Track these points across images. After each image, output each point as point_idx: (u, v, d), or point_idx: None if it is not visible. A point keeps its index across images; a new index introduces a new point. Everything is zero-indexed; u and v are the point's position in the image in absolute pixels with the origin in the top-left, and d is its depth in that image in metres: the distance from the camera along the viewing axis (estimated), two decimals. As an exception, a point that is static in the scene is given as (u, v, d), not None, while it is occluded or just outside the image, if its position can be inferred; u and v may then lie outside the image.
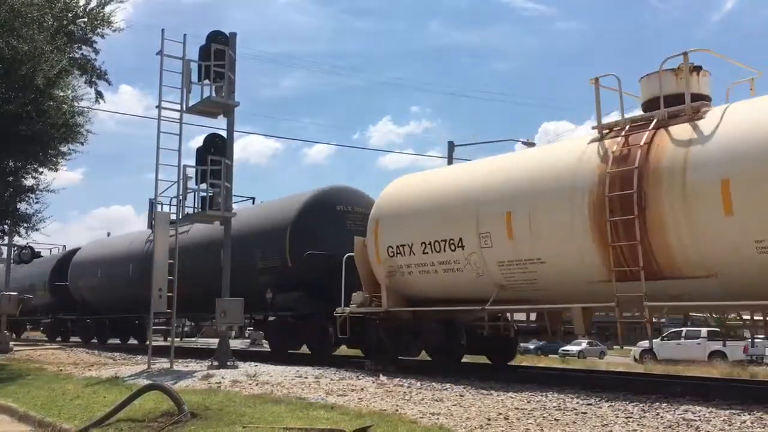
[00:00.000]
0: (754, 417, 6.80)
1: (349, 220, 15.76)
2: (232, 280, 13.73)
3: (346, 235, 14.62)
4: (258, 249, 16.23)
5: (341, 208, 15.92)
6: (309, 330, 15.63)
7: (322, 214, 15.71)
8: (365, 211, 14.64)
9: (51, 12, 16.43)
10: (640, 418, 6.90)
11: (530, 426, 6.56)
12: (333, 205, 15.91)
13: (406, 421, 6.78)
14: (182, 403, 7.60)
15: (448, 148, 29.31)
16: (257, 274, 16.04)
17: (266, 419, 7.09)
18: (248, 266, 15.98)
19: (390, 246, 12.29)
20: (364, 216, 14.40)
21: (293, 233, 15.48)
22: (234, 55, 13.96)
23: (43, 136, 16.17)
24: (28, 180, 17.71)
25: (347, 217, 15.84)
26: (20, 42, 14.87)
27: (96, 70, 18.12)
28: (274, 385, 10.02)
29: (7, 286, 24.01)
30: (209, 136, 14.07)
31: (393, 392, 9.17)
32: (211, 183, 13.50)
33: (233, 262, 13.97)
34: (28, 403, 9.74)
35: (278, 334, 16.84)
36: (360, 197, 16.49)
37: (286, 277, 15.54)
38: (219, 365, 12.76)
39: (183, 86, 13.53)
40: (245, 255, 16.09)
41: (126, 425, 7.48)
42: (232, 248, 14.14)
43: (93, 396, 9.78)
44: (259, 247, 16.22)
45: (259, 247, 16.22)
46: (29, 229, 18.62)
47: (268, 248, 16.08)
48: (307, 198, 16.02)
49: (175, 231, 13.74)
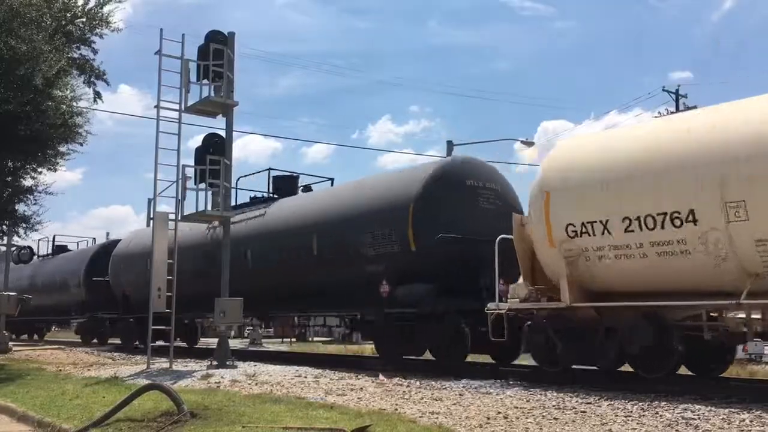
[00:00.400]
0: (753, 415, 6.81)
1: (482, 198, 13.07)
2: (326, 271, 12.97)
3: (479, 215, 12.71)
4: (365, 232, 13.36)
5: (472, 182, 13.10)
6: (437, 331, 12.38)
7: (451, 189, 12.87)
8: (498, 188, 13.23)
9: (49, 12, 16.40)
10: (639, 416, 6.91)
11: (530, 425, 6.56)
12: (462, 179, 13.09)
13: (406, 421, 6.78)
14: (181, 402, 7.59)
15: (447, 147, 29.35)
16: (363, 263, 13.32)
17: (266, 419, 7.08)
18: (349, 254, 13.63)
19: (570, 224, 9.69)
20: (497, 194, 13.10)
21: (418, 212, 12.59)
22: (233, 55, 13.96)
23: (41, 136, 16.15)
24: (26, 180, 17.70)
25: (479, 193, 13.07)
26: (19, 42, 14.85)
27: (95, 70, 18.11)
28: (273, 385, 10.03)
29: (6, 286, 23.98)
30: (208, 135, 14.08)
31: (392, 391, 9.18)
32: (210, 183, 13.50)
33: (328, 249, 13.31)
34: (28, 403, 9.73)
35: (392, 337, 13.27)
36: (491, 171, 13.95)
37: (407, 265, 12.64)
38: (218, 365, 12.77)
39: (182, 86, 13.54)
40: (345, 240, 13.77)
41: (125, 425, 7.47)
42: (326, 233, 13.49)
43: (92, 396, 9.77)
44: (366, 230, 13.36)
45: (366, 230, 13.36)
46: (28, 230, 18.62)
47: (380, 231, 13.11)
48: (434, 170, 13.15)
49: (175, 231, 13.71)
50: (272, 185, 17.95)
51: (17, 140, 15.83)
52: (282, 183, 17.95)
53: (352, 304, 14.18)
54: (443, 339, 12.30)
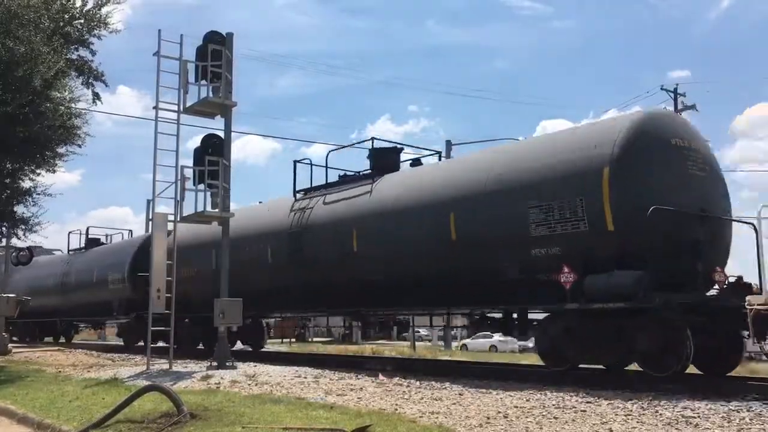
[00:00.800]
0: (753, 414, 6.81)
1: (690, 161, 10.37)
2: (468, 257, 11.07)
3: (688, 183, 10.18)
4: (530, 208, 10.61)
5: (677, 142, 10.36)
6: (653, 333, 9.41)
7: (655, 150, 10.12)
8: (703, 151, 10.68)
9: (48, 13, 16.41)
10: (639, 415, 6.91)
11: (530, 424, 6.56)
12: (667, 137, 10.33)
13: (406, 420, 6.78)
14: (181, 403, 7.59)
15: (445, 146, 29.39)
16: (528, 246, 10.63)
17: (265, 419, 7.08)
18: (505, 235, 11.00)
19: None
20: (704, 158, 10.54)
21: (616, 178, 9.76)
22: (231, 55, 13.94)
23: (40, 138, 16.15)
24: (25, 182, 17.71)
25: (687, 156, 10.36)
26: (17, 44, 14.85)
27: (93, 71, 18.09)
28: (273, 386, 10.03)
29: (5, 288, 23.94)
30: (207, 136, 14.05)
31: (392, 391, 9.17)
32: (209, 183, 13.49)
33: (471, 231, 11.27)
34: (27, 404, 9.72)
35: (581, 341, 10.21)
36: (693, 129, 11.15)
37: (600, 248, 9.90)
38: (218, 366, 12.75)
39: (180, 87, 13.53)
40: (498, 219, 11.10)
41: (125, 426, 7.47)
42: (468, 211, 11.41)
43: (92, 397, 9.77)
44: (532, 206, 10.62)
45: (532, 206, 10.62)
46: (27, 231, 18.62)
47: (555, 204, 10.36)
48: (630, 126, 10.20)
49: (174, 231, 13.70)
50: (372, 159, 15.07)
51: (16, 142, 15.83)
52: (382, 156, 15.01)
53: (500, 299, 11.34)
54: (658, 342, 9.40)
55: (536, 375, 11.06)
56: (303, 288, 14.65)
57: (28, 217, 18.07)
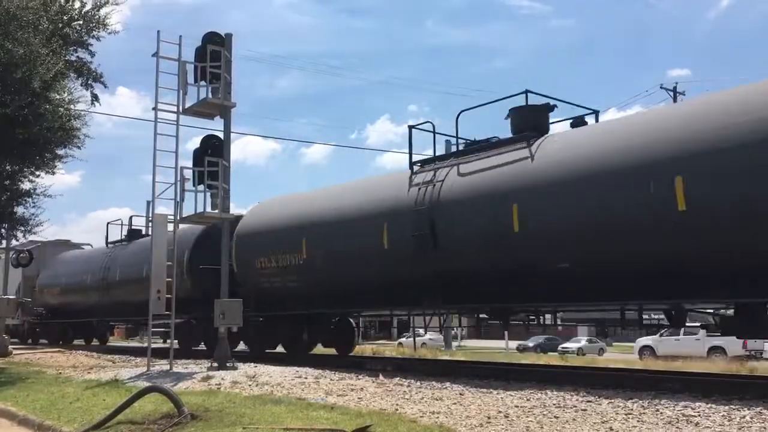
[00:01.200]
0: (754, 412, 6.81)
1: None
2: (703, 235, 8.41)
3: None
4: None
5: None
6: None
7: None
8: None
9: (46, 15, 16.41)
10: (639, 414, 6.91)
11: (530, 424, 6.56)
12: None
13: (406, 420, 6.78)
14: (182, 404, 7.60)
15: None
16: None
17: (266, 420, 7.08)
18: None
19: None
20: None
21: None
22: (230, 56, 13.95)
23: (39, 140, 16.14)
24: (25, 184, 17.71)
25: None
26: (16, 45, 14.85)
27: (92, 72, 18.12)
28: (273, 386, 10.02)
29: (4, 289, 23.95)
30: (206, 137, 14.05)
31: (393, 391, 9.17)
32: (208, 184, 13.48)
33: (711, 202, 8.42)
34: (28, 406, 9.72)
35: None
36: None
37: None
38: (218, 366, 12.75)
39: (179, 88, 13.53)
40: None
41: (126, 427, 7.47)
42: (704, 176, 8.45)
43: (93, 399, 9.76)
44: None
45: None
46: (26, 233, 18.63)
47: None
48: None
49: (174, 231, 13.68)
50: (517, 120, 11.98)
51: (15, 144, 15.83)
52: (530, 117, 11.92)
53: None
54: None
55: (537, 375, 11.06)
56: (433, 279, 11.79)
57: (27, 218, 18.10)
